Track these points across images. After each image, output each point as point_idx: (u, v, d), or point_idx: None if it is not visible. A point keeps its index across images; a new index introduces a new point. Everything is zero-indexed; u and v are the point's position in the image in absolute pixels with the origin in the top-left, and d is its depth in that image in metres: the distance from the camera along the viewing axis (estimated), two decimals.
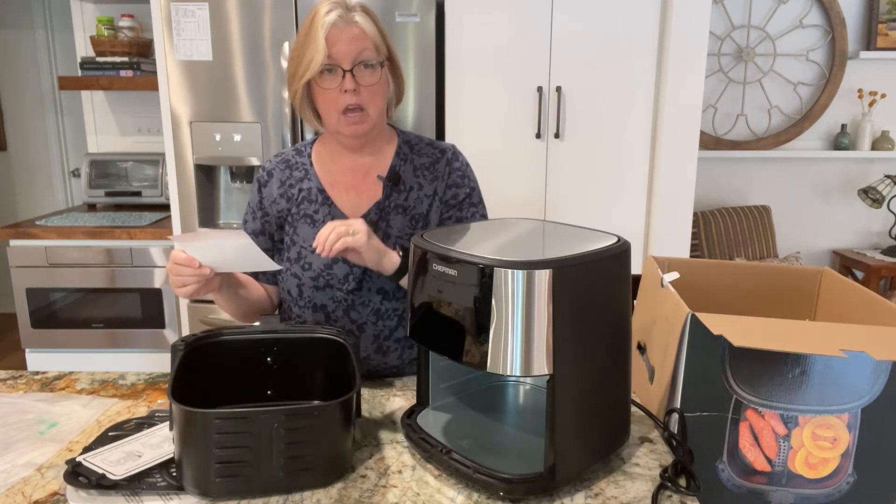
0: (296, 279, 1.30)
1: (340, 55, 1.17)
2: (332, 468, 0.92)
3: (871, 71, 3.32)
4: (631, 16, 2.40)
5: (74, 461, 0.93)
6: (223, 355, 1.08)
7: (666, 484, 0.91)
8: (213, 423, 0.85)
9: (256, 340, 1.09)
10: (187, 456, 0.87)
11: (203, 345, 1.06)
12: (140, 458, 0.94)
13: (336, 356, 1.07)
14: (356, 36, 1.17)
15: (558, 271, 0.84)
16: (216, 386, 1.07)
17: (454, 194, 1.33)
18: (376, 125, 1.26)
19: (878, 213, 3.46)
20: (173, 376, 0.96)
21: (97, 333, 2.65)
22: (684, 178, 2.50)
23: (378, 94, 1.22)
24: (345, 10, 1.18)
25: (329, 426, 0.90)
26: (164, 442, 0.99)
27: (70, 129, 4.16)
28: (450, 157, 1.34)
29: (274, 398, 1.11)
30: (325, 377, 1.10)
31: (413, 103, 2.42)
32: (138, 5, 3.02)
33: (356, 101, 1.19)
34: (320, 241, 1.11)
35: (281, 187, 1.32)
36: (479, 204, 1.37)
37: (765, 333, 1.02)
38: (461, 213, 1.33)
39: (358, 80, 1.19)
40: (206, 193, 2.53)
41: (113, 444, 0.98)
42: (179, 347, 1.02)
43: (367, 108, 1.21)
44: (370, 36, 1.19)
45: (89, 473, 0.90)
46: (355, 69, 1.18)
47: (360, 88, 1.19)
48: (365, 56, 1.19)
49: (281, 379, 1.10)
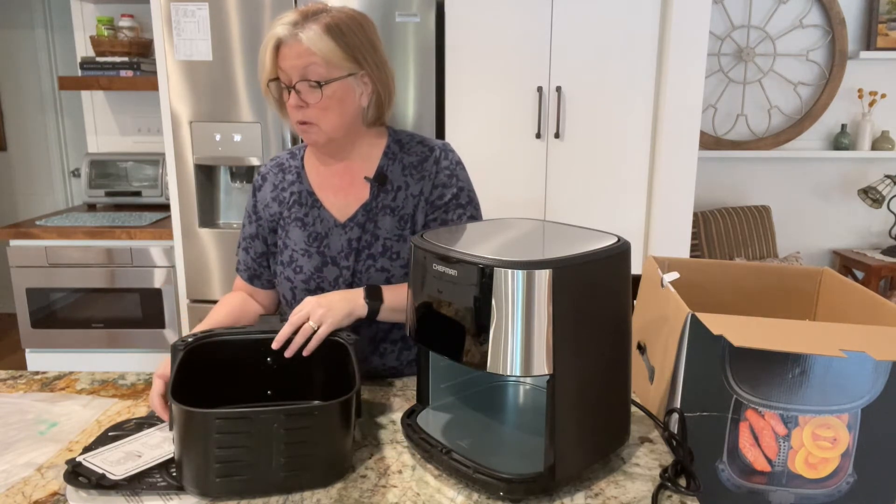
0: (289, 282, 1.31)
1: (286, 70, 1.17)
2: (333, 468, 0.92)
3: (871, 71, 3.32)
4: (631, 16, 2.40)
5: (74, 461, 0.93)
6: (223, 355, 1.08)
7: (666, 484, 0.91)
8: (213, 424, 0.85)
9: (256, 340, 1.09)
10: (187, 456, 0.87)
11: (203, 345, 1.06)
12: (140, 459, 0.94)
13: (336, 356, 1.07)
14: (300, 53, 1.14)
15: (558, 271, 0.84)
16: (216, 386, 1.07)
17: (440, 195, 1.28)
18: (336, 137, 1.23)
19: (878, 213, 3.46)
20: (173, 377, 0.96)
21: (97, 333, 2.65)
22: (684, 178, 2.50)
23: (328, 109, 1.18)
24: (292, 26, 1.14)
25: (329, 426, 0.90)
26: (163, 442, 0.99)
27: (70, 129, 4.16)
28: (438, 155, 1.29)
29: (274, 398, 1.11)
30: (325, 377, 1.10)
31: (413, 103, 2.42)
32: (138, 5, 3.02)
33: (302, 116, 1.19)
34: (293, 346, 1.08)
35: (273, 191, 1.32)
36: (468, 205, 1.30)
37: (765, 333, 1.02)
38: (447, 216, 1.28)
39: (302, 97, 1.17)
40: (205, 193, 2.53)
41: (113, 445, 0.98)
42: (179, 347, 1.02)
43: (317, 124, 1.19)
44: (318, 53, 1.14)
45: (89, 473, 0.90)
46: (299, 85, 1.16)
47: (307, 105, 1.18)
48: (310, 73, 1.15)
49: (281, 379, 1.10)
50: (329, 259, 1.28)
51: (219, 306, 1.32)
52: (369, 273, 1.27)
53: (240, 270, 1.39)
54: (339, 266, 1.27)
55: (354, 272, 1.27)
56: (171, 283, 2.60)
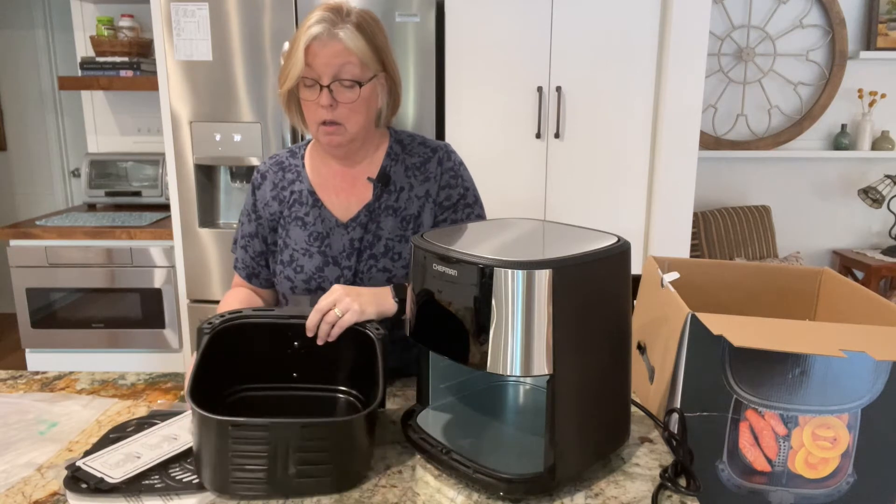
0: (289, 282, 1.30)
1: (319, 70, 1.15)
2: (348, 476, 0.91)
3: (871, 71, 3.32)
4: (631, 16, 2.40)
5: (74, 465, 0.92)
6: (250, 337, 1.08)
7: (666, 484, 0.91)
8: (228, 431, 0.85)
9: (284, 324, 1.09)
10: (204, 456, 0.88)
11: (229, 327, 1.06)
12: (139, 460, 0.94)
13: (364, 347, 1.06)
14: (338, 52, 1.14)
15: (558, 271, 0.84)
16: (243, 366, 1.08)
17: (448, 196, 1.30)
18: (357, 138, 1.23)
19: (878, 213, 3.46)
20: (197, 362, 0.96)
21: (97, 333, 2.65)
22: (684, 178, 2.50)
23: (357, 110, 1.19)
24: (330, 25, 1.13)
25: (347, 439, 0.89)
26: (163, 442, 0.99)
27: (70, 129, 4.16)
28: (441, 156, 1.31)
29: (299, 381, 1.12)
30: (351, 365, 1.11)
31: (413, 103, 2.42)
32: (138, 5, 3.02)
33: (332, 117, 1.17)
34: (321, 334, 1.08)
35: (273, 190, 1.32)
36: (475, 204, 1.34)
37: (765, 333, 1.02)
38: (456, 216, 1.31)
39: (336, 96, 1.16)
40: (205, 193, 2.53)
41: (112, 447, 0.98)
42: (206, 330, 1.03)
43: (344, 124, 1.19)
44: (355, 52, 1.14)
45: (88, 478, 0.89)
46: (333, 85, 1.15)
47: (338, 105, 1.17)
48: (346, 73, 1.15)
49: (308, 363, 1.11)
50: (330, 259, 1.28)
51: (228, 302, 1.32)
52: (371, 273, 1.27)
53: (238, 268, 1.38)
54: (340, 266, 1.27)
55: (356, 272, 1.27)
56: (171, 283, 2.60)
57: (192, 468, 0.94)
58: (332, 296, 1.09)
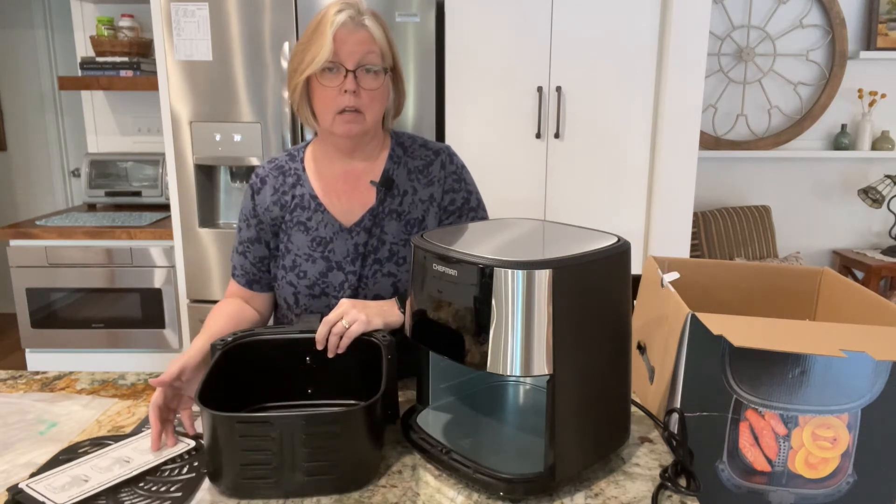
0: (291, 287, 1.29)
1: (345, 55, 1.16)
2: (357, 473, 0.91)
3: (871, 71, 3.32)
4: (631, 16, 2.40)
5: (16, 488, 0.87)
6: (262, 354, 1.08)
7: (666, 484, 0.91)
8: (235, 427, 0.86)
9: (295, 340, 1.09)
10: (214, 456, 0.88)
11: (242, 344, 1.07)
12: (87, 483, 0.89)
13: (373, 357, 1.07)
14: (364, 39, 1.17)
15: (558, 271, 0.84)
16: (258, 384, 1.08)
17: (451, 199, 1.31)
18: (370, 130, 1.24)
19: (878, 213, 3.46)
20: (206, 376, 0.96)
21: (97, 333, 2.65)
22: (684, 178, 2.50)
23: (377, 99, 1.21)
24: (356, 12, 1.17)
25: (352, 432, 0.89)
26: (114, 465, 0.94)
27: (70, 129, 4.16)
28: (444, 159, 1.31)
29: (314, 397, 1.12)
30: (362, 377, 1.11)
31: (413, 103, 2.42)
32: (138, 5, 3.02)
33: (354, 103, 1.18)
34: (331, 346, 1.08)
35: (274, 194, 1.30)
36: (479, 207, 1.35)
37: (765, 333, 1.02)
38: (460, 220, 1.32)
39: (359, 82, 1.18)
40: (205, 193, 2.53)
41: (59, 468, 0.92)
42: (218, 346, 1.03)
43: (363, 112, 1.20)
44: (377, 41, 1.19)
45: (29, 501, 0.84)
46: (358, 71, 1.18)
47: (361, 91, 1.18)
48: (369, 60, 1.18)
49: (321, 378, 1.11)
50: (334, 264, 1.27)
51: (215, 315, 1.27)
52: (376, 278, 1.27)
53: (236, 276, 1.35)
54: (344, 271, 1.26)
55: (360, 277, 1.26)
56: (171, 283, 2.60)
57: (145, 493, 0.89)
58: (339, 309, 1.10)
